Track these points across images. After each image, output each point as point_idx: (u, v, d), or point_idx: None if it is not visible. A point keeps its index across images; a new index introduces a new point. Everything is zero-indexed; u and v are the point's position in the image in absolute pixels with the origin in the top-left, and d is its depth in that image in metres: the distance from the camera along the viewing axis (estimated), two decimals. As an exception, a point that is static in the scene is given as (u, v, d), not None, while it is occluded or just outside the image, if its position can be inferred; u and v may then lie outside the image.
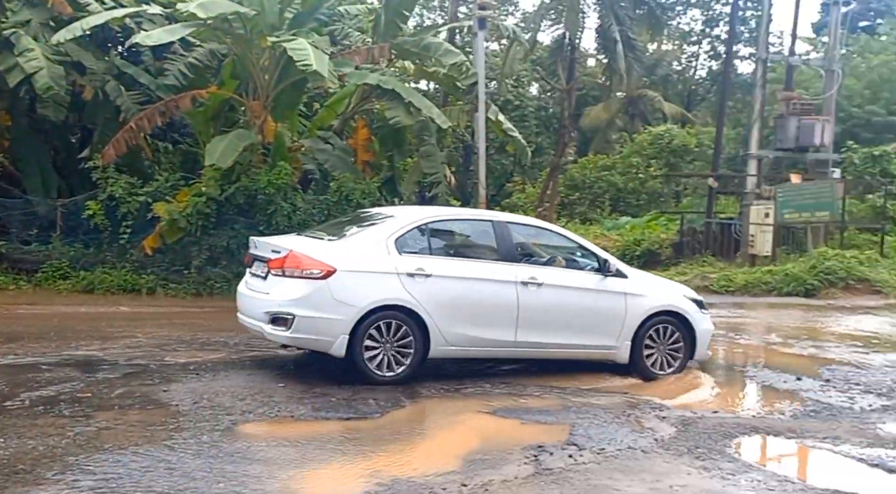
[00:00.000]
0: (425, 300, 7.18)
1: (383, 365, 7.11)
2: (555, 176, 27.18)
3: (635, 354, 8.11)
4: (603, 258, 8.14)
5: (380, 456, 5.36)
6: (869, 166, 22.58)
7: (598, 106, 34.65)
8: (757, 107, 19.60)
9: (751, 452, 5.96)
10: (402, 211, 8.34)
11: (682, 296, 8.52)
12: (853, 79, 35.94)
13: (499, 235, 7.80)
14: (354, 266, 7.07)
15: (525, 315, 7.58)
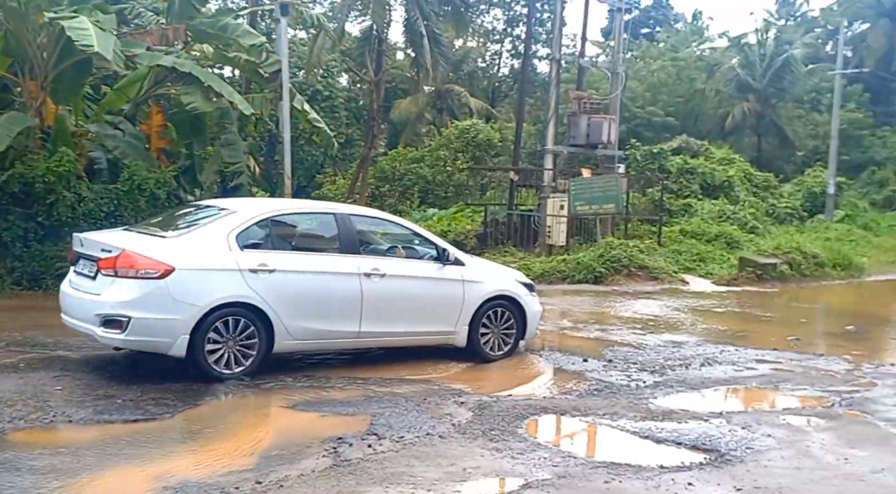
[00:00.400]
0: (269, 295, 7.09)
1: (223, 363, 6.96)
2: (365, 167, 27.22)
3: (472, 337, 8.43)
4: (442, 247, 8.38)
5: (168, 459, 5.11)
6: (649, 162, 24.65)
7: (407, 99, 35.07)
8: (552, 104, 20.71)
9: (540, 431, 6.30)
10: (243, 204, 8.09)
11: (515, 281, 8.98)
12: (636, 81, 39.11)
13: (341, 227, 7.82)
14: (194, 264, 6.86)
15: (369, 306, 7.68)
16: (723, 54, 43.20)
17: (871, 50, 46.21)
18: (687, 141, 30.22)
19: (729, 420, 6.56)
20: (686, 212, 23.28)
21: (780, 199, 28.41)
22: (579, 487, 4.89)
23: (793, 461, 5.55)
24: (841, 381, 8.31)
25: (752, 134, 40.46)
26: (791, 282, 17.47)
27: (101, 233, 7.75)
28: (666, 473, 5.21)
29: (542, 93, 34.36)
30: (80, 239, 7.37)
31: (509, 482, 5.03)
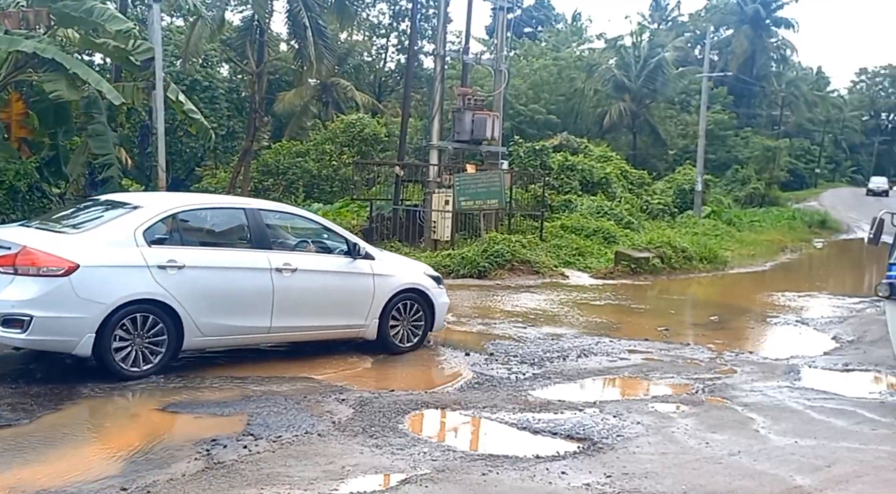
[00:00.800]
0: (178, 292, 7.00)
1: (131, 361, 6.84)
2: (247, 161, 26.50)
3: (382, 330, 8.53)
4: (353, 242, 8.43)
5: (24, 467, 4.81)
6: (532, 159, 25.27)
7: (291, 91, 34.43)
8: (437, 100, 20.82)
9: (420, 426, 6.33)
10: (150, 199, 7.87)
11: (424, 274, 9.11)
12: (519, 79, 39.96)
13: (252, 222, 7.76)
14: (100, 260, 6.70)
15: (280, 301, 7.65)
16: (601, 55, 44.84)
17: (735, 54, 49.17)
18: (568, 138, 31.18)
19: (602, 409, 6.82)
20: (566, 207, 24.00)
21: (653, 196, 29.78)
22: (457, 480, 4.94)
23: (659, 446, 5.82)
24: (704, 369, 8.79)
25: (628, 132, 42.22)
26: (662, 275, 18.34)
27: (2, 230, 7.44)
28: (541, 463, 5.35)
29: (427, 89, 34.53)
30: None
31: (388, 478, 5.03)
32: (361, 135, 29.76)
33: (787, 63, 56.70)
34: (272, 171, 29.37)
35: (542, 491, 4.79)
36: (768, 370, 8.87)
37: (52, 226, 7.28)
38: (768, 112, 52.97)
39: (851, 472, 5.37)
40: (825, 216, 39.14)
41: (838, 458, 5.67)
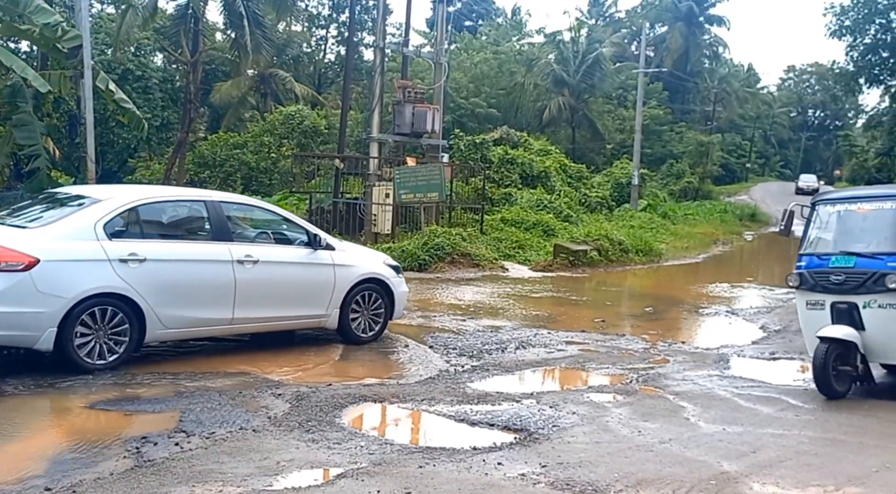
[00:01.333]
0: (140, 285, 7.06)
1: (95, 354, 6.88)
2: (182, 152, 25.93)
3: (343, 320, 8.63)
4: (313, 233, 8.52)
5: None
6: (472, 152, 25.36)
7: (228, 82, 33.79)
8: (377, 93, 20.72)
9: (358, 420, 6.30)
10: (110, 192, 7.85)
11: (383, 264, 9.22)
12: (460, 72, 40.02)
13: (212, 215, 7.80)
14: (60, 255, 6.70)
15: (242, 292, 7.72)
16: (540, 50, 45.26)
17: (670, 51, 50.23)
18: (508, 132, 31.39)
19: (539, 400, 6.90)
20: (507, 200, 24.18)
21: (591, 189, 30.23)
22: (393, 473, 4.94)
23: (593, 436, 5.92)
24: (639, 359, 8.98)
25: (567, 127, 42.73)
26: (600, 267, 18.65)
27: None
28: (478, 454, 5.39)
29: (368, 81, 34.29)
30: None
31: (324, 473, 4.99)
32: (301, 127, 29.42)
33: (720, 60, 58.21)
34: (209, 163, 28.80)
35: (478, 483, 4.82)
36: (699, 359, 9.11)
37: (10, 221, 7.22)
38: (702, 108, 54.32)
39: (775, 457, 5.56)
40: (755, 209, 40.41)
41: (763, 444, 5.86)
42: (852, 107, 64.18)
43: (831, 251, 7.50)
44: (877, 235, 7.38)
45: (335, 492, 4.59)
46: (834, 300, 7.30)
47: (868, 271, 7.11)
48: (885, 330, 7.12)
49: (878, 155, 35.15)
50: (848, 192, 8.10)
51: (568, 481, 4.90)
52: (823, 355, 7.08)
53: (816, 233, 7.82)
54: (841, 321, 7.22)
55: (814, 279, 7.44)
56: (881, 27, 31.42)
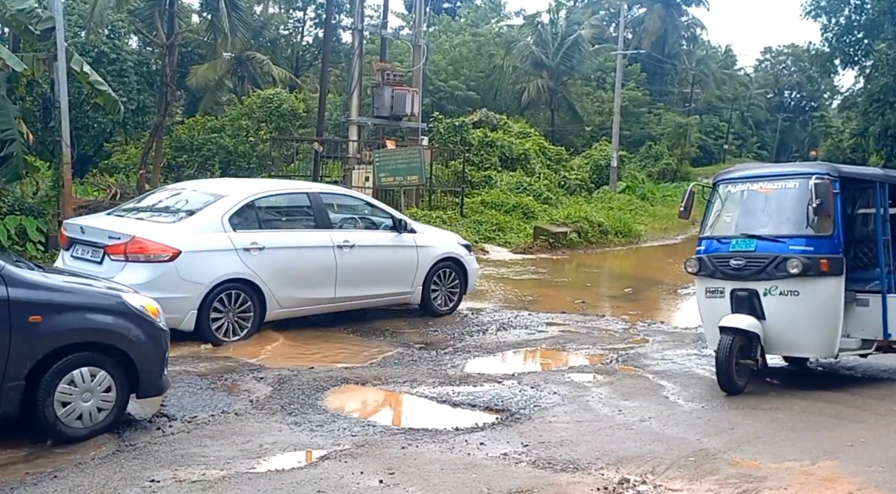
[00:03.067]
0: (260, 271, 7.93)
1: (230, 331, 7.78)
2: (159, 136, 25.51)
3: (425, 296, 9.55)
4: (398, 218, 9.50)
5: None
6: (452, 135, 25.28)
7: (204, 65, 33.34)
8: (355, 75, 20.60)
9: (340, 402, 6.30)
10: (229, 187, 8.68)
11: (457, 243, 10.15)
12: (439, 55, 39.85)
13: (314, 205, 8.73)
14: (197, 246, 7.59)
15: (342, 273, 8.60)
16: (519, 32, 45.11)
17: (648, 33, 50.29)
18: (487, 115, 31.33)
19: (520, 380, 6.95)
20: (486, 183, 24.18)
21: (570, 171, 30.30)
22: (377, 455, 4.96)
23: (574, 415, 5.99)
24: (619, 339, 9.07)
25: (546, 109, 42.72)
26: (579, 249, 18.76)
27: (101, 220, 8.22)
28: (460, 435, 5.43)
29: (346, 64, 34.01)
30: (80, 226, 7.87)
31: (307, 455, 5.01)
32: (279, 110, 29.09)
33: (697, 41, 58.38)
34: (186, 147, 28.43)
35: (460, 463, 4.86)
36: (678, 339, 9.21)
37: (146, 216, 8.08)
38: (680, 89, 54.52)
39: (752, 433, 5.66)
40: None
41: (740, 421, 5.96)
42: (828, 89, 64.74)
43: (732, 234, 6.98)
44: (779, 216, 6.90)
45: (318, 474, 4.61)
46: (734, 287, 6.78)
47: (769, 255, 6.60)
48: (787, 320, 6.60)
49: (853, 136, 35.51)
50: (750, 171, 7.49)
51: (549, 460, 4.95)
52: (728, 347, 6.51)
53: (717, 214, 7.27)
54: (741, 309, 6.70)
55: (713, 264, 6.93)
56: (855, 8, 31.65)
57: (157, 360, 5.32)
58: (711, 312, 7.01)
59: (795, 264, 6.44)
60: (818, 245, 6.53)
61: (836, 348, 6.70)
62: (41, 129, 16.73)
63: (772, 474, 4.82)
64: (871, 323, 6.98)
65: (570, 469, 4.80)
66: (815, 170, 6.81)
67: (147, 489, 4.29)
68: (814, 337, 6.68)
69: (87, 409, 4.94)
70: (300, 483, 4.45)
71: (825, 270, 6.46)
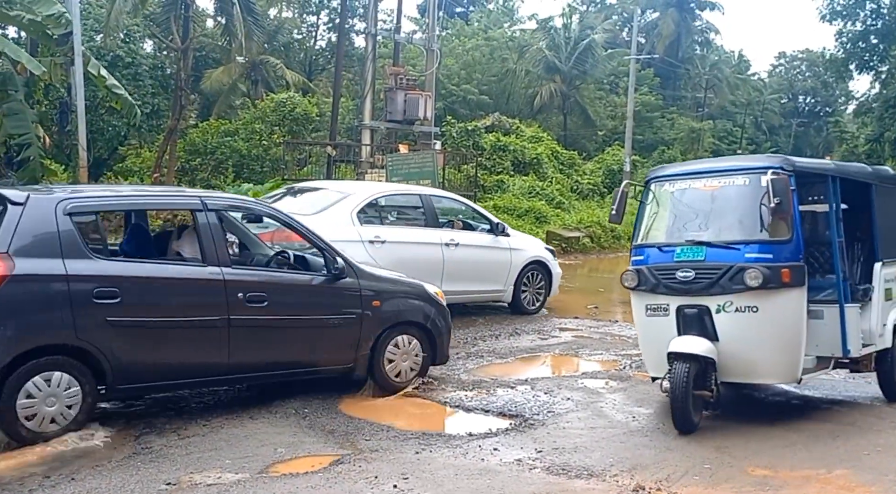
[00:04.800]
0: (383, 262, 8.32)
1: None
2: (173, 140, 25.74)
3: (516, 296, 10.35)
4: (496, 221, 10.32)
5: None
6: (464, 139, 25.31)
7: (219, 69, 33.52)
8: (368, 79, 20.67)
9: (356, 408, 6.28)
10: (353, 187, 9.65)
11: (543, 248, 11.03)
12: (451, 59, 39.87)
13: (426, 205, 9.58)
14: (336, 236, 7.76)
15: (448, 269, 9.34)
16: (532, 36, 45.06)
17: (662, 37, 50.12)
18: (499, 119, 31.31)
19: (533, 386, 6.94)
20: (499, 188, 24.17)
21: (583, 176, 30.24)
22: (390, 459, 4.97)
23: (588, 421, 5.97)
24: (632, 345, 9.00)
25: (558, 113, 42.64)
26: (592, 254, 18.74)
27: None
28: (474, 440, 5.43)
29: (359, 68, 34.13)
30: None
31: (321, 459, 5.02)
32: (292, 114, 29.19)
33: (711, 46, 58.10)
34: (200, 151, 28.58)
35: (474, 468, 4.86)
36: (692, 345, 9.14)
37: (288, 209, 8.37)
38: (693, 94, 54.30)
39: (767, 441, 5.61)
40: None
41: (755, 429, 5.91)
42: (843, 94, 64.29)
43: (676, 241, 5.96)
44: (729, 219, 5.91)
45: (333, 478, 4.62)
46: (681, 303, 5.74)
47: (721, 265, 5.62)
48: (744, 340, 5.62)
49: (868, 141, 35.22)
50: (687, 166, 6.66)
51: (564, 466, 4.94)
52: (684, 378, 5.46)
53: (654, 218, 6.30)
54: (690, 330, 5.69)
55: (655, 277, 5.88)
56: (872, 13, 31.45)
57: (447, 334, 6.91)
58: (653, 333, 5.99)
59: (755, 275, 5.46)
60: (777, 251, 5.58)
61: (801, 371, 5.78)
62: (56, 133, 16.89)
63: (788, 482, 4.79)
64: (828, 339, 6.05)
65: (585, 476, 4.79)
66: (767, 164, 5.83)
67: (163, 492, 4.32)
68: (775, 359, 5.73)
69: (405, 368, 6.64)
70: (315, 487, 4.47)
71: (787, 281, 5.52)
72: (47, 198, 5.35)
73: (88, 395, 5.07)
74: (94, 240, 5.98)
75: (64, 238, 5.16)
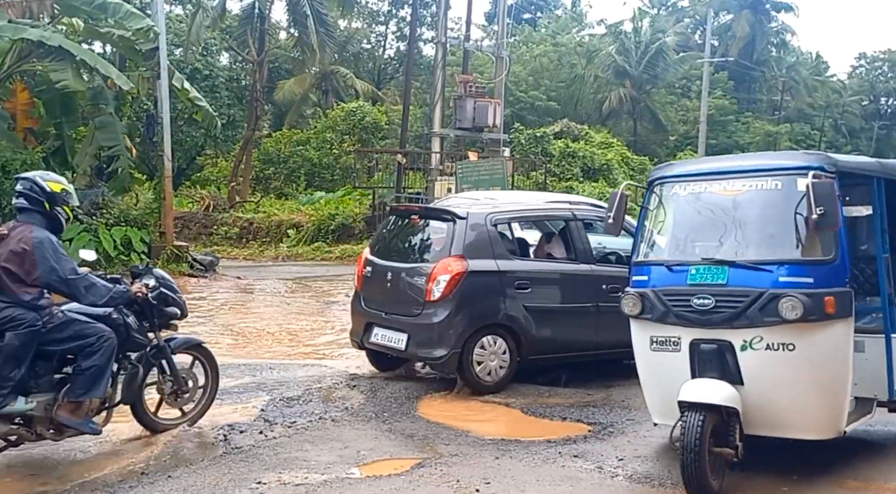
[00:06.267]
0: None
1: None
2: (248, 149, 26.51)
3: None
4: None
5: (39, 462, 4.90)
6: (533, 146, 25.28)
7: (291, 80, 34.34)
8: (438, 88, 20.85)
9: (431, 411, 6.37)
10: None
11: None
12: (519, 65, 39.85)
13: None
14: None
15: None
16: (601, 41, 44.69)
17: (736, 39, 49.01)
18: (568, 125, 31.16)
19: (610, 394, 6.89)
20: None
21: (655, 182, 29.77)
22: (471, 464, 5.02)
23: (669, 430, 5.87)
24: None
25: (628, 118, 42.15)
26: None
27: None
28: (553, 447, 5.43)
29: (427, 76, 34.48)
30: None
31: (403, 462, 5.10)
32: (362, 123, 29.70)
33: (787, 48, 56.50)
34: (273, 160, 29.36)
35: (556, 475, 4.87)
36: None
37: None
38: (769, 97, 52.89)
39: (864, 454, 5.45)
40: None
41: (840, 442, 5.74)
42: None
43: (688, 259, 4.85)
44: (756, 231, 4.81)
45: (415, 481, 4.69)
46: (696, 336, 4.65)
47: (749, 291, 4.51)
48: (776, 386, 4.53)
49: (957, 143, 33.70)
50: (703, 164, 5.55)
51: (646, 475, 4.90)
52: (698, 432, 4.39)
53: (660, 228, 5.17)
54: (707, 371, 4.60)
55: (664, 303, 4.77)
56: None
57: None
58: (660, 372, 4.93)
59: (793, 305, 4.36)
60: (819, 273, 4.48)
61: (845, 422, 4.67)
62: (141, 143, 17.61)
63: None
64: (869, 376, 4.99)
65: (669, 485, 4.74)
66: (805, 163, 4.71)
67: (255, 490, 4.47)
68: (814, 409, 4.61)
69: None
70: (398, 489, 4.55)
71: (831, 311, 4.42)
72: (480, 213, 6.94)
73: (513, 361, 6.78)
74: (508, 244, 7.29)
75: (493, 242, 6.85)
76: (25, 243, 4.58)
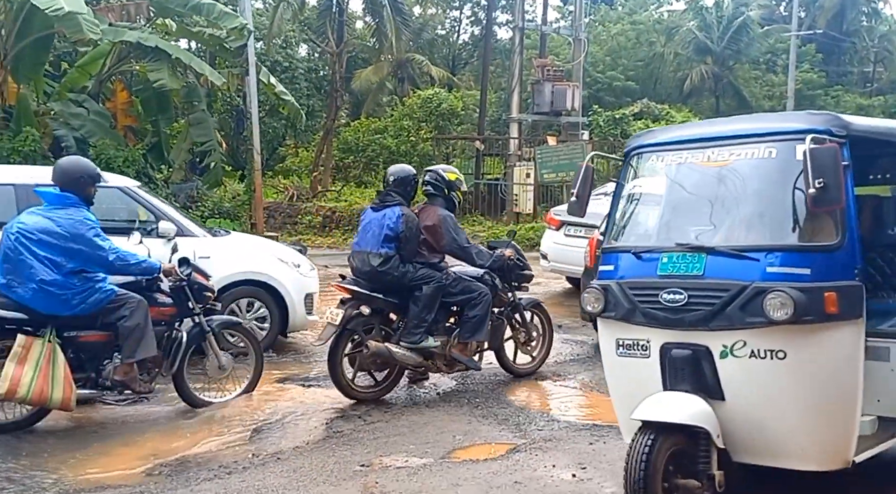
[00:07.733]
0: None
1: None
2: (328, 139, 27.05)
3: None
4: None
5: (164, 438, 5.25)
6: (612, 128, 24.88)
7: (368, 69, 34.75)
8: (516, 72, 20.81)
9: (522, 397, 6.49)
10: None
11: None
12: (596, 45, 39.21)
13: None
14: None
15: None
16: (680, 17, 43.55)
17: (824, 10, 46.93)
18: (648, 105, 30.48)
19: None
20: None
21: (739, 161, 28.92)
22: (566, 449, 5.11)
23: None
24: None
25: (710, 96, 41.03)
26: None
27: None
28: (645, 432, 5.45)
29: (502, 60, 34.37)
30: None
31: (498, 446, 5.24)
32: (438, 110, 29.81)
33: (880, 16, 53.77)
34: (352, 149, 29.83)
35: (649, 460, 4.90)
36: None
37: None
38: (860, 69, 50.52)
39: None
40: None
41: None
42: None
43: (661, 245, 3.95)
44: (742, 210, 3.89)
45: (512, 466, 4.82)
46: (667, 339, 3.78)
47: (729, 284, 3.63)
48: (763, 403, 3.63)
49: None
50: (685, 130, 4.43)
51: (742, 461, 4.89)
52: (644, 458, 3.53)
53: (633, 208, 4.30)
54: (679, 381, 3.74)
55: (630, 299, 3.90)
56: None
57: None
58: (628, 383, 4.08)
59: (782, 301, 3.46)
60: (817, 263, 3.58)
61: (853, 448, 3.70)
62: (231, 137, 18.25)
63: None
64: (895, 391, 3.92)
65: (766, 472, 4.71)
66: (806, 125, 3.76)
67: (359, 472, 4.68)
68: (814, 434, 3.66)
69: None
70: (496, 473, 4.69)
71: (833, 310, 3.51)
72: None
73: None
74: None
75: None
76: (435, 220, 6.11)
